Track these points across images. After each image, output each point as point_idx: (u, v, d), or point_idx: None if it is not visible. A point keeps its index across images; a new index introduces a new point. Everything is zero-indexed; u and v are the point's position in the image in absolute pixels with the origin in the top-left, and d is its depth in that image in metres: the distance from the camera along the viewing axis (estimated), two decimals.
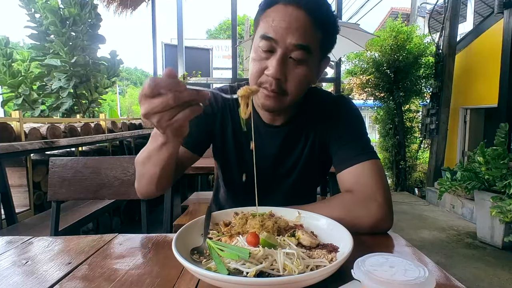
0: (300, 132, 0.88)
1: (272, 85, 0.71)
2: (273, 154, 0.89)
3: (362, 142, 0.82)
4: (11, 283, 0.52)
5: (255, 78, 0.74)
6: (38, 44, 3.71)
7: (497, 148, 2.80)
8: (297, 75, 0.72)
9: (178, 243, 0.54)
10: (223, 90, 0.91)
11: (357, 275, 0.40)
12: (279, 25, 0.69)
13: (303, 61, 0.71)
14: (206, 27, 28.91)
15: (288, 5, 0.69)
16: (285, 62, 0.71)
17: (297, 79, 0.72)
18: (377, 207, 0.72)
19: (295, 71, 0.72)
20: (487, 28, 4.25)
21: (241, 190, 0.95)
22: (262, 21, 0.72)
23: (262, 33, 0.70)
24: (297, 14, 0.68)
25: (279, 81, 0.71)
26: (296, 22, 0.68)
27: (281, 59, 0.70)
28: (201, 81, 4.91)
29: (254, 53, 0.74)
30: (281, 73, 0.70)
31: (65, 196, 1.22)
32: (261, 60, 0.72)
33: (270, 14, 0.71)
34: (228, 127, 0.89)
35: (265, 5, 0.72)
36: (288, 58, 0.71)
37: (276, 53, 0.70)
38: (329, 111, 0.87)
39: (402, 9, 10.59)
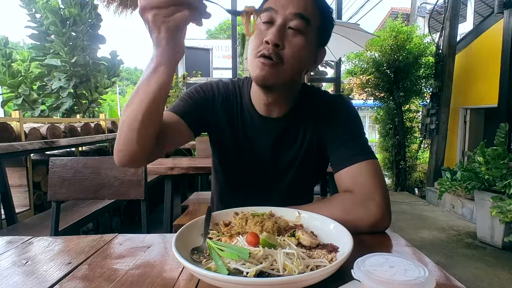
0: (297, 127, 0.87)
1: (270, 49, 0.71)
2: (269, 148, 0.88)
3: (359, 142, 0.82)
4: (11, 283, 0.52)
5: (254, 49, 0.74)
6: (38, 44, 3.72)
7: (497, 148, 2.80)
8: (295, 44, 0.73)
9: (178, 243, 0.54)
10: (225, 83, 0.92)
11: (357, 275, 0.40)
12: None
13: (301, 31, 0.73)
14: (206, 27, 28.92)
15: None
16: (284, 31, 0.72)
17: (295, 48, 0.73)
18: (375, 207, 0.72)
19: (293, 39, 0.73)
20: (487, 28, 4.25)
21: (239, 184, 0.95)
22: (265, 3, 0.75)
23: (263, 7, 0.72)
24: None
25: (276, 47, 0.72)
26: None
27: (280, 26, 0.71)
28: (201, 81, 4.91)
29: (254, 33, 0.74)
30: (279, 38, 0.71)
31: (65, 196, 1.22)
32: (261, 33, 0.73)
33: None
34: (224, 117, 0.88)
35: None
36: (287, 28, 0.72)
37: (276, 22, 0.72)
38: (327, 110, 0.86)
39: (402, 9, 10.59)
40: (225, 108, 0.88)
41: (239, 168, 0.92)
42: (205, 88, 0.89)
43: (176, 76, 4.69)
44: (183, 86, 4.77)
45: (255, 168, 0.90)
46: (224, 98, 0.88)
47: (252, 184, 0.92)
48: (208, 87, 0.89)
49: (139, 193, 1.22)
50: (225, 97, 0.89)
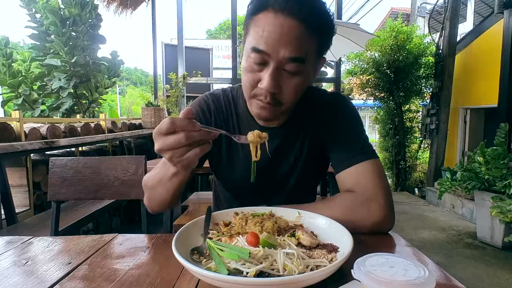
0: (297, 132, 0.86)
1: (267, 97, 0.70)
2: (269, 158, 0.84)
3: (360, 141, 0.81)
4: (11, 283, 0.53)
5: (249, 90, 0.72)
6: (39, 44, 3.71)
7: (497, 148, 2.80)
8: (292, 85, 0.70)
9: (178, 243, 0.54)
10: (215, 95, 0.89)
11: (357, 275, 0.40)
12: (270, 36, 0.64)
13: (298, 72, 0.68)
14: (206, 27, 28.93)
15: (278, 13, 0.63)
16: (279, 74, 0.68)
17: (292, 90, 0.70)
18: (378, 209, 0.71)
19: (290, 82, 0.69)
20: (487, 28, 4.25)
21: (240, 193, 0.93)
22: (252, 28, 0.68)
23: (253, 45, 0.66)
24: (289, 24, 0.63)
25: (273, 93, 0.69)
26: (288, 34, 0.63)
27: (274, 72, 0.67)
28: (201, 81, 4.91)
29: (246, 63, 0.70)
30: (275, 86, 0.68)
31: (65, 196, 1.22)
32: (254, 72, 0.69)
33: (260, 22, 0.66)
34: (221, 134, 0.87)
35: (253, 9, 0.67)
36: (281, 70, 0.68)
37: (269, 66, 0.67)
38: (325, 111, 0.85)
39: (402, 9, 10.59)
40: (221, 121, 0.86)
41: (238, 179, 0.89)
42: (196, 111, 0.85)
43: (176, 76, 4.70)
44: (183, 86, 4.77)
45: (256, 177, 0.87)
46: (217, 112, 0.86)
47: (253, 192, 0.90)
48: (199, 109, 0.86)
49: (139, 193, 1.22)
50: (219, 111, 0.86)
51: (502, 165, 2.71)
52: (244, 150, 0.86)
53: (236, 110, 0.86)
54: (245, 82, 0.72)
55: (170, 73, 4.73)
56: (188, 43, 5.61)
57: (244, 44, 0.72)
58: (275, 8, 0.64)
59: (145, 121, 4.03)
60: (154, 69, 5.32)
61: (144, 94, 9.10)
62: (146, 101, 4.23)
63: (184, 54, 4.80)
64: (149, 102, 4.14)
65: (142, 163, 1.22)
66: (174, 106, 4.72)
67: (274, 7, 0.64)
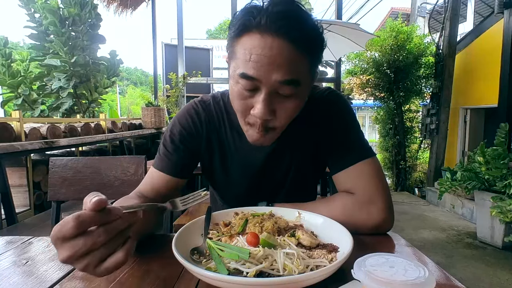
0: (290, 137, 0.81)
1: (261, 126, 0.66)
2: (264, 163, 0.83)
3: (355, 140, 0.78)
4: (11, 283, 0.52)
5: (241, 117, 0.68)
6: (38, 44, 3.71)
7: (497, 148, 2.80)
8: (287, 109, 0.65)
9: (178, 243, 0.54)
10: (205, 103, 0.84)
11: (357, 275, 0.40)
12: (259, 60, 0.58)
13: (292, 95, 0.63)
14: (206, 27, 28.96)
15: (265, 35, 0.57)
16: (272, 99, 0.63)
17: (288, 114, 0.66)
18: (378, 212, 0.71)
19: (285, 105, 0.64)
20: (487, 28, 4.25)
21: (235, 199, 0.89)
22: (238, 51, 0.62)
23: (241, 71, 0.60)
24: (278, 46, 0.58)
25: (267, 120, 0.65)
26: (279, 56, 0.58)
27: (267, 98, 0.62)
28: (201, 81, 4.91)
29: (235, 88, 0.64)
30: (269, 112, 0.63)
31: (65, 196, 1.22)
32: (245, 99, 0.64)
33: (246, 44, 0.60)
34: (214, 143, 0.83)
35: (237, 31, 0.61)
36: (275, 93, 0.63)
37: (261, 92, 0.62)
38: (318, 110, 0.81)
39: (402, 9, 10.59)
40: (212, 130, 0.82)
41: (232, 186, 0.88)
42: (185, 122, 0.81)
43: (176, 76, 4.70)
44: (183, 86, 4.77)
45: (251, 184, 0.86)
46: (209, 121, 0.82)
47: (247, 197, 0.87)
48: (188, 118, 0.81)
49: None
50: (210, 120, 0.82)
51: (502, 165, 2.71)
52: (239, 157, 0.83)
53: (228, 117, 0.82)
54: (237, 108, 0.67)
55: (170, 73, 4.73)
56: (188, 43, 5.60)
57: (229, 67, 0.66)
58: (261, 29, 0.58)
59: (145, 121, 4.03)
60: (154, 69, 5.32)
61: (144, 94, 9.10)
62: (146, 101, 4.23)
63: (184, 54, 4.80)
64: (149, 102, 4.15)
65: (142, 163, 1.22)
66: (174, 106, 4.72)
67: (259, 28, 0.58)
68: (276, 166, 0.84)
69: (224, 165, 0.85)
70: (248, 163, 0.83)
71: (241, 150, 0.82)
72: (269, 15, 0.57)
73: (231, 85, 0.66)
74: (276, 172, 0.85)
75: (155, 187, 0.78)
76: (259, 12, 0.58)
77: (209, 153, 0.84)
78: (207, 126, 0.82)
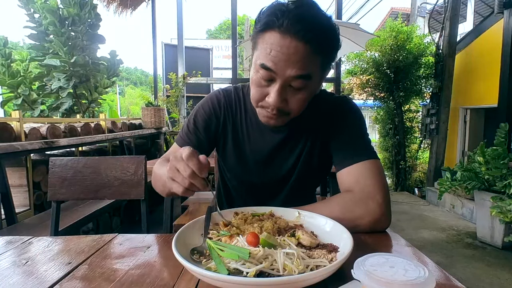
0: (301, 131, 0.89)
1: (274, 110, 0.74)
2: (273, 152, 0.90)
3: (362, 142, 0.83)
4: (11, 283, 0.52)
5: (256, 101, 0.77)
6: (38, 44, 3.70)
7: (497, 148, 2.80)
8: (298, 99, 0.73)
9: (178, 243, 0.54)
10: (227, 91, 0.94)
11: (357, 275, 0.40)
12: (277, 56, 0.67)
13: (303, 87, 0.72)
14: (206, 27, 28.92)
15: (285, 35, 0.66)
16: (285, 90, 0.72)
17: (298, 103, 0.74)
18: (376, 207, 0.73)
19: (296, 96, 0.73)
20: (487, 28, 4.25)
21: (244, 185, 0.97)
22: (260, 45, 0.71)
23: (261, 62, 0.70)
24: (295, 46, 0.66)
25: (279, 107, 0.73)
26: (294, 55, 0.66)
27: (280, 89, 0.71)
28: (201, 81, 4.91)
29: (255, 76, 0.74)
30: (281, 101, 0.72)
31: (65, 196, 1.22)
32: (262, 87, 0.73)
33: (267, 40, 0.69)
34: (228, 128, 0.92)
35: (261, 28, 0.70)
36: (288, 86, 0.71)
37: (276, 83, 0.71)
38: (330, 111, 0.88)
39: (402, 9, 10.59)
40: (230, 116, 0.92)
41: (243, 171, 0.94)
42: (207, 107, 0.92)
43: (176, 76, 4.70)
44: (183, 86, 4.77)
45: (259, 171, 0.92)
46: (227, 107, 0.92)
47: (256, 187, 0.94)
48: (210, 103, 0.92)
49: (139, 193, 1.22)
50: (229, 106, 0.92)
51: (502, 165, 2.71)
52: (251, 143, 0.91)
53: (245, 107, 0.92)
54: (253, 94, 0.76)
55: (170, 73, 4.73)
56: (188, 43, 5.61)
57: (253, 56, 0.75)
58: (282, 30, 0.66)
59: (145, 121, 4.03)
60: (154, 69, 5.32)
61: (144, 94, 9.09)
62: (146, 101, 4.23)
63: (184, 54, 4.80)
64: (149, 102, 4.15)
65: (142, 163, 1.22)
66: (174, 106, 4.72)
67: (280, 28, 0.66)
68: (285, 155, 0.90)
69: (237, 149, 0.92)
70: (260, 149, 0.90)
71: (254, 136, 0.91)
72: (290, 19, 0.65)
73: (252, 72, 0.75)
74: (284, 163, 0.91)
75: None
76: (282, 14, 0.66)
77: (223, 136, 0.93)
78: (225, 111, 0.92)
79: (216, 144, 0.96)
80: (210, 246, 0.53)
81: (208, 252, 0.55)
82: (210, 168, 1.07)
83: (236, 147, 0.92)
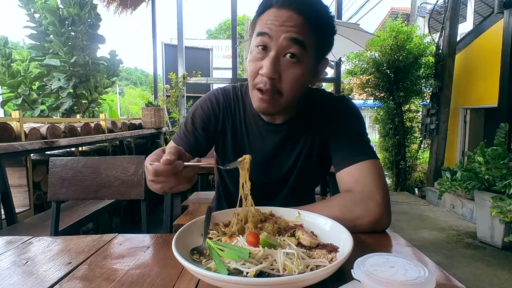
0: (300, 131, 0.89)
1: (267, 84, 0.72)
2: (272, 153, 0.90)
3: (362, 142, 0.83)
4: (11, 283, 0.52)
5: (251, 79, 0.76)
6: (38, 44, 3.70)
7: (497, 148, 2.80)
8: (292, 74, 0.72)
9: (178, 243, 0.54)
10: (225, 91, 0.93)
11: (357, 275, 0.40)
12: (273, 23, 0.70)
13: (298, 59, 0.71)
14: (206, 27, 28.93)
15: (281, 8, 0.70)
16: (279, 61, 0.71)
17: (292, 79, 0.72)
18: (376, 206, 0.73)
19: (290, 70, 0.72)
20: (487, 28, 4.25)
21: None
22: (257, 24, 0.74)
23: (257, 31, 0.72)
24: (291, 14, 0.70)
25: (273, 80, 0.72)
26: (289, 21, 0.70)
27: (275, 57, 0.71)
28: (201, 81, 4.91)
29: (250, 54, 0.75)
30: (274, 71, 0.71)
31: (65, 196, 1.22)
32: (256, 61, 0.73)
33: (264, 17, 0.72)
34: (227, 127, 0.91)
35: (259, 10, 0.74)
36: (282, 57, 0.71)
37: (270, 51, 0.71)
38: (329, 111, 0.88)
39: (402, 9, 10.59)
40: (229, 116, 0.91)
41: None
42: (206, 106, 0.91)
43: (176, 76, 4.70)
44: (183, 86, 4.77)
45: (258, 172, 0.92)
46: (226, 107, 0.91)
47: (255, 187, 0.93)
48: (208, 103, 0.91)
49: (139, 193, 1.22)
50: (228, 106, 0.91)
51: (502, 165, 2.71)
52: (251, 142, 0.90)
53: (244, 106, 0.91)
54: (249, 73, 0.76)
55: (170, 73, 4.73)
56: (188, 43, 5.60)
57: (251, 42, 0.76)
58: (279, 5, 0.70)
59: (145, 121, 4.03)
60: (154, 69, 5.32)
61: (143, 93, 9.08)
62: (146, 101, 4.23)
63: (184, 54, 4.79)
64: (149, 102, 4.14)
65: (142, 163, 1.22)
66: (174, 106, 4.71)
67: (277, 4, 0.70)
68: (285, 157, 0.90)
69: (236, 149, 0.91)
70: (259, 150, 0.90)
71: (253, 136, 0.90)
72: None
73: (248, 56, 0.76)
74: (284, 164, 0.90)
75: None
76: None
77: (222, 135, 0.92)
78: (224, 111, 0.91)
79: (215, 144, 0.95)
80: (210, 246, 0.53)
81: (208, 252, 0.55)
82: (210, 168, 1.07)
83: (235, 147, 0.91)
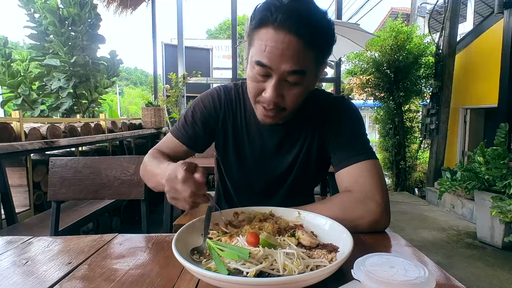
0: (299, 131, 0.89)
1: (270, 104, 0.74)
2: (272, 151, 0.90)
3: (361, 142, 0.83)
4: (11, 283, 0.52)
5: (253, 97, 0.77)
6: (38, 44, 3.70)
7: (497, 148, 2.79)
8: (294, 94, 0.73)
9: (178, 243, 0.54)
10: (227, 88, 0.94)
11: (357, 275, 0.40)
12: (272, 52, 0.67)
13: (298, 83, 0.72)
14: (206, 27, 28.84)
15: (279, 30, 0.66)
16: (281, 85, 0.72)
17: (294, 98, 0.74)
18: (375, 206, 0.73)
19: (291, 91, 0.73)
20: (487, 28, 4.25)
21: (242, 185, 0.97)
22: (255, 41, 0.71)
23: (257, 58, 0.70)
24: (289, 40, 0.66)
25: (276, 102, 0.73)
26: (288, 50, 0.66)
27: (276, 84, 0.71)
28: (201, 81, 4.91)
29: (251, 72, 0.74)
30: (277, 96, 0.72)
31: (65, 196, 1.22)
32: (258, 82, 0.73)
33: (262, 37, 0.69)
34: (228, 125, 0.92)
35: (256, 24, 0.70)
36: (284, 81, 0.71)
37: (272, 78, 0.71)
38: (329, 111, 0.88)
39: (402, 9, 10.58)
40: (230, 114, 0.92)
41: (241, 170, 0.94)
42: (207, 101, 0.92)
43: (176, 76, 4.70)
44: (183, 86, 4.77)
45: (258, 170, 0.93)
46: (227, 104, 0.92)
47: (254, 185, 0.95)
48: (210, 99, 0.92)
49: (139, 193, 1.22)
50: (229, 104, 0.92)
51: (502, 165, 2.71)
52: (251, 140, 0.91)
53: (244, 104, 0.92)
54: (250, 90, 0.76)
55: (170, 73, 4.73)
56: (188, 43, 5.60)
57: (249, 53, 0.75)
58: (276, 25, 0.66)
59: (145, 121, 4.03)
60: (154, 69, 5.32)
61: (143, 94, 9.08)
62: (146, 101, 4.22)
63: (184, 54, 4.79)
64: (149, 102, 4.14)
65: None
66: (174, 106, 4.72)
67: (274, 24, 0.66)
68: (283, 155, 0.91)
69: (237, 147, 0.92)
70: (258, 148, 0.91)
71: (253, 135, 0.91)
72: (284, 14, 0.65)
73: (248, 69, 0.75)
74: (283, 163, 0.91)
75: (169, 147, 0.92)
76: (276, 10, 0.66)
77: (223, 132, 0.93)
78: (225, 108, 0.91)
79: (215, 141, 0.96)
80: (210, 246, 0.53)
81: (208, 252, 0.55)
82: (210, 168, 1.07)
83: (236, 145, 0.92)
